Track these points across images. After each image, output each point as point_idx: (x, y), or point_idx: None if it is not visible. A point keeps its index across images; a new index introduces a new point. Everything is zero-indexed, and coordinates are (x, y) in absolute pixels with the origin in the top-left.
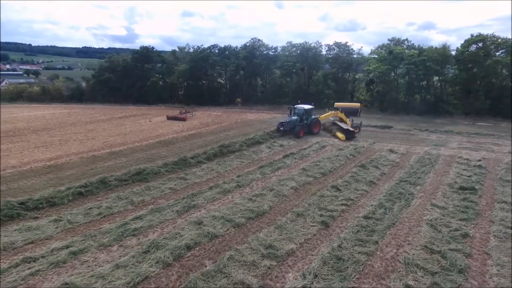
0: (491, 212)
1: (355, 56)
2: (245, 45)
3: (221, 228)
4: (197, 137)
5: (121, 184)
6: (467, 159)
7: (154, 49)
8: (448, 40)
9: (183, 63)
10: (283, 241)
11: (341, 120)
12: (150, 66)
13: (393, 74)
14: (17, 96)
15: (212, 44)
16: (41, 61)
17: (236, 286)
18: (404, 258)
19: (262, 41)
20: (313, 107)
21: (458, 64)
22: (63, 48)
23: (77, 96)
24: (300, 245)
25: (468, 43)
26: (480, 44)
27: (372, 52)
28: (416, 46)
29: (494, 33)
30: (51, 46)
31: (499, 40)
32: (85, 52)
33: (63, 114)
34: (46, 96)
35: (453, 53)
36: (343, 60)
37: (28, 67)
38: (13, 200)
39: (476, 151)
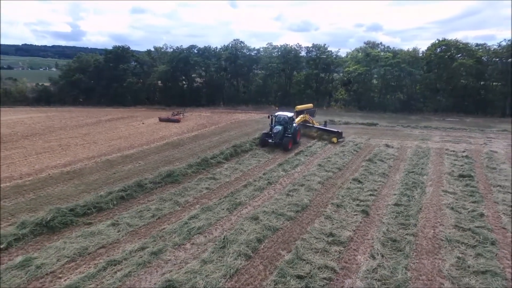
0: (492, 194)
1: (334, 58)
2: (226, 46)
3: (277, 221)
4: (202, 138)
5: (155, 187)
6: (454, 151)
7: (129, 49)
8: (393, 41)
9: (161, 64)
10: (338, 229)
11: (308, 123)
12: (126, 67)
13: (370, 75)
14: None
15: (191, 44)
16: None
17: (322, 270)
18: (445, 236)
19: (244, 43)
20: (293, 114)
21: (427, 66)
22: None
23: (44, 98)
24: (354, 232)
25: (434, 46)
26: (443, 47)
27: (348, 54)
28: (390, 49)
29: (457, 39)
30: None
31: (461, 45)
32: (26, 50)
33: (43, 118)
34: (9, 99)
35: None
36: (323, 61)
37: None
38: (63, 207)
39: (457, 143)
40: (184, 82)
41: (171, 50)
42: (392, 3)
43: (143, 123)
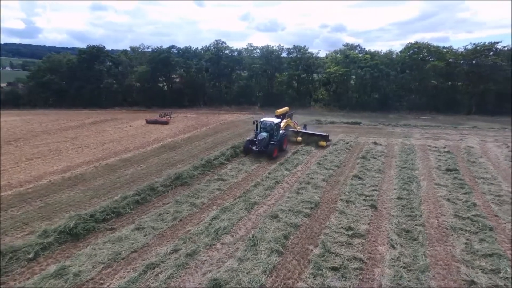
0: (478, 186)
1: (315, 59)
2: (207, 47)
3: (296, 218)
4: (196, 140)
5: (167, 190)
6: (436, 147)
7: (105, 49)
8: (357, 42)
9: (138, 64)
10: (354, 223)
11: (291, 127)
12: (103, 67)
13: (349, 76)
14: None
15: (171, 44)
16: None
17: (351, 260)
18: (449, 225)
19: (225, 43)
20: (280, 120)
21: (401, 67)
22: None
23: (11, 100)
24: (369, 225)
25: (408, 49)
26: (416, 50)
27: (327, 56)
28: (367, 51)
29: (428, 42)
30: None
31: (432, 48)
32: None
33: (20, 122)
34: None
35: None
36: (304, 62)
37: None
38: (83, 214)
39: (436, 140)
40: (164, 83)
41: (150, 50)
42: (354, 4)
43: (130, 126)
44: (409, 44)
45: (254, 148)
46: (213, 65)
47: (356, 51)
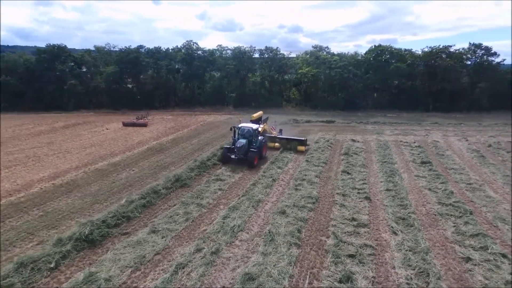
0: (451, 176)
1: (287, 60)
2: (178, 47)
3: (302, 213)
4: (181, 141)
5: (169, 192)
6: (407, 142)
7: (66, 48)
8: (313, 43)
9: (105, 65)
10: (355, 214)
11: (267, 133)
12: (65, 68)
13: (319, 76)
14: None
15: (139, 44)
16: None
17: (363, 247)
18: (436, 211)
19: (197, 44)
20: (258, 125)
21: (366, 68)
22: None
23: None
24: (368, 215)
25: (372, 51)
26: (379, 52)
27: (297, 57)
28: (335, 53)
29: (391, 45)
30: None
31: (394, 50)
32: None
33: None
34: None
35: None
36: (276, 63)
37: None
38: (95, 220)
39: (406, 136)
40: (133, 84)
41: (116, 50)
42: (309, 5)
43: (107, 129)
44: (373, 47)
45: (233, 156)
46: (186, 66)
47: (324, 53)
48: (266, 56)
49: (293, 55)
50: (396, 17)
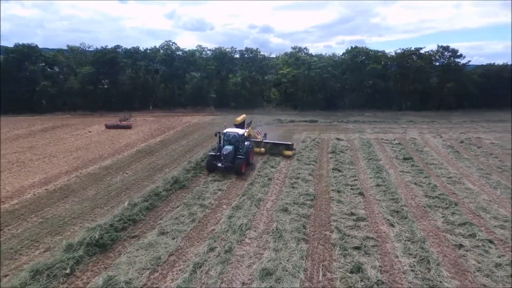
0: (432, 171)
1: (267, 61)
2: (157, 48)
3: (302, 209)
4: (170, 143)
5: (169, 194)
6: (387, 140)
7: (37, 48)
8: (284, 43)
9: (79, 65)
10: (353, 209)
11: (252, 137)
12: (37, 68)
13: (299, 77)
14: None
15: (116, 44)
16: None
17: (366, 239)
18: (424, 204)
19: (176, 44)
20: (245, 130)
21: (342, 69)
22: None
23: None
24: (365, 209)
25: (349, 52)
26: (355, 53)
27: (277, 58)
28: (314, 54)
29: (367, 46)
30: None
31: (370, 52)
32: None
33: None
34: None
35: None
36: (257, 64)
37: None
38: (102, 224)
39: (385, 134)
40: (109, 85)
41: (91, 50)
42: (280, 6)
43: (89, 132)
44: (350, 48)
45: (219, 165)
46: (166, 66)
47: (303, 54)
48: (247, 56)
49: (273, 55)
50: (363, 18)
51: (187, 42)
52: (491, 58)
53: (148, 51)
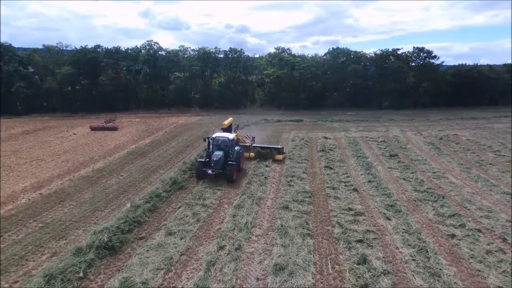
0: (417, 166)
1: (252, 61)
2: (139, 48)
3: (302, 206)
4: (160, 144)
5: (169, 195)
6: (372, 138)
7: (12, 47)
8: (260, 43)
9: (56, 66)
10: (350, 204)
11: (240, 140)
12: (11, 69)
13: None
14: None
15: (96, 44)
16: None
17: (367, 233)
18: (415, 198)
19: (158, 44)
20: (234, 134)
21: (323, 69)
22: None
23: None
24: (360, 204)
25: (331, 53)
26: (336, 54)
27: (261, 58)
28: (297, 54)
29: (348, 47)
30: None
31: (351, 52)
32: None
33: None
34: None
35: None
36: (241, 64)
37: None
38: (111, 227)
39: (369, 132)
40: (90, 86)
41: (69, 49)
42: (255, 6)
43: (75, 134)
44: (331, 49)
45: (210, 172)
46: (149, 67)
47: (286, 54)
48: (231, 57)
49: (257, 55)
50: (338, 20)
51: (162, 41)
52: (457, 59)
53: (129, 51)
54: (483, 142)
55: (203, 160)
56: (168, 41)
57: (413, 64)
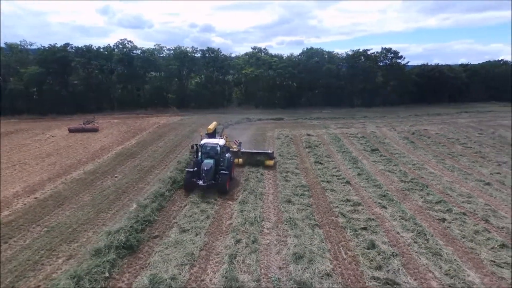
0: (398, 159)
1: (229, 60)
2: (111, 47)
3: (304, 200)
4: (147, 145)
5: (171, 194)
6: (352, 134)
7: None
8: (225, 43)
9: (20, 65)
10: (346, 196)
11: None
12: None
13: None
14: None
15: (65, 42)
16: None
17: (369, 221)
18: (402, 188)
19: (133, 43)
20: (224, 140)
21: (298, 69)
22: None
23: None
24: (356, 195)
25: (306, 53)
26: (311, 54)
27: (238, 58)
28: (273, 54)
29: (321, 48)
30: None
31: (325, 53)
32: None
33: None
34: None
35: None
36: (219, 64)
37: None
38: (125, 227)
39: (348, 128)
40: (59, 86)
41: (35, 48)
42: (220, 6)
43: (53, 136)
44: (306, 49)
45: (200, 183)
46: (123, 66)
47: (263, 54)
48: (208, 56)
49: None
50: (301, 20)
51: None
52: (413, 59)
53: (101, 49)
54: (451, 136)
55: (191, 170)
56: (129, 40)
57: (381, 64)
